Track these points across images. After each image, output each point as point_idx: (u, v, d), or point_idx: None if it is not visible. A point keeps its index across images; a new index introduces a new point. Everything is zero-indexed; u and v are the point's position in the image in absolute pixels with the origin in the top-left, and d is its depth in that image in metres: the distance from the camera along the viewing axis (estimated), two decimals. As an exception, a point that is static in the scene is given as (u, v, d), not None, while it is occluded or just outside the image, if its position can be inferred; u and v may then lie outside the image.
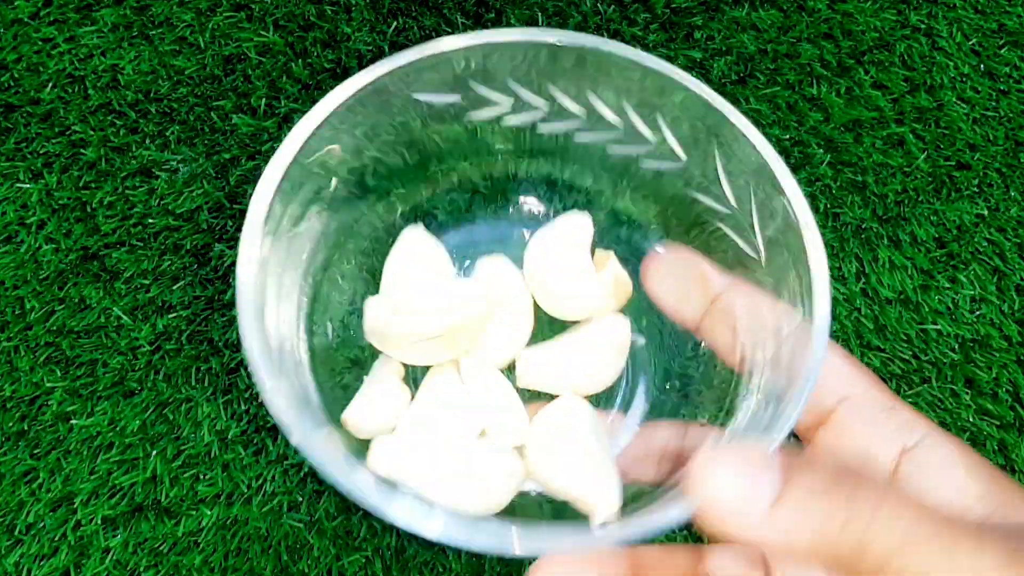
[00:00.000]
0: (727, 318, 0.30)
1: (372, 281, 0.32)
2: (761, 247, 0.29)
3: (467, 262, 0.34)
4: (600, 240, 0.33)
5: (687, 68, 0.43)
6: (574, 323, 0.33)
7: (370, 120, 0.28)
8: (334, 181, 0.29)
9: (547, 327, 0.33)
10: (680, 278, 0.31)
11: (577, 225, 0.32)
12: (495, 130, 0.31)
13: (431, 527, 0.22)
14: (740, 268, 0.30)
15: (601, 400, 0.33)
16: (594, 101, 0.30)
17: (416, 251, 0.32)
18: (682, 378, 0.33)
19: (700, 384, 0.33)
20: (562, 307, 0.32)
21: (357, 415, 0.30)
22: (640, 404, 0.34)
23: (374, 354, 0.32)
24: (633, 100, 0.29)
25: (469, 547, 0.22)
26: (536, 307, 0.33)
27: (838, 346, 0.27)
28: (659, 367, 0.34)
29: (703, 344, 0.32)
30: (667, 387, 0.34)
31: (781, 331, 0.28)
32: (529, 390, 0.32)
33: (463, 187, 0.34)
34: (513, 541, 0.22)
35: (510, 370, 0.32)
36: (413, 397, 0.31)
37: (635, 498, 0.30)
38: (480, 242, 0.35)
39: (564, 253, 0.32)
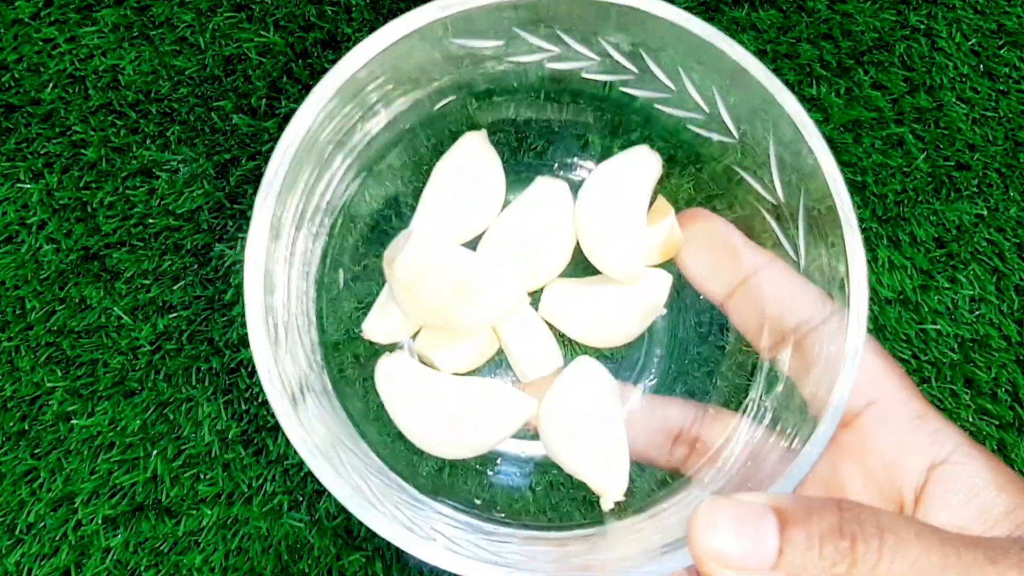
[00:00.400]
0: (755, 300, 0.29)
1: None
2: (801, 246, 0.28)
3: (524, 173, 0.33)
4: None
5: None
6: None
7: (413, 60, 0.28)
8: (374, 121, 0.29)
9: (582, 270, 0.32)
10: (711, 250, 0.30)
11: (643, 162, 0.31)
12: (538, 73, 0.30)
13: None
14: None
15: (615, 364, 0.32)
16: (648, 61, 0.29)
17: (470, 162, 0.31)
18: (699, 356, 0.33)
19: (718, 365, 0.32)
20: (597, 255, 0.31)
21: (378, 319, 0.30)
22: (651, 376, 0.33)
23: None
24: (691, 69, 0.28)
25: None
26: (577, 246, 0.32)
27: (870, 338, 0.26)
28: (677, 341, 0.33)
29: (728, 323, 0.31)
30: (684, 363, 0.33)
31: (810, 323, 0.27)
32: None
33: (504, 127, 0.33)
34: None
35: (534, 299, 0.31)
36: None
37: (646, 494, 0.30)
38: (541, 166, 0.34)
39: (621, 194, 0.30)
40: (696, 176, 0.32)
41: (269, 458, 0.36)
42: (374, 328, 0.31)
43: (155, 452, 0.36)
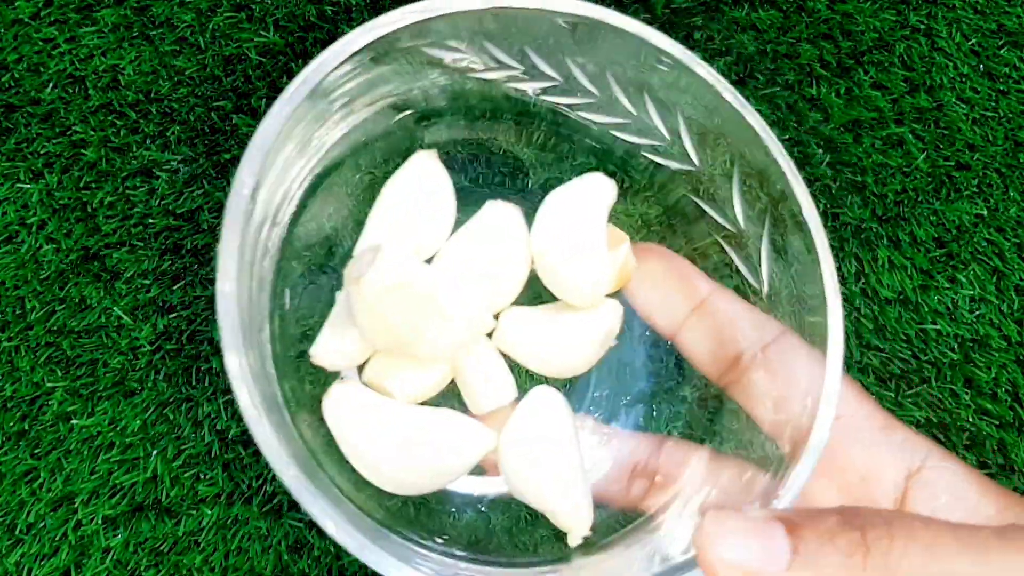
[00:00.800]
0: (710, 326, 0.28)
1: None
2: (764, 274, 0.27)
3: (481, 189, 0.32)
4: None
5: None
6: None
7: (368, 74, 0.27)
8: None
9: (536, 298, 0.31)
10: (662, 282, 0.29)
11: (599, 188, 0.30)
12: (494, 93, 0.29)
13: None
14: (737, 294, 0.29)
15: (564, 395, 0.31)
16: (611, 82, 0.28)
17: (420, 182, 0.30)
18: (650, 387, 0.32)
19: (672, 395, 0.31)
20: (556, 281, 0.30)
21: (328, 343, 0.29)
22: (602, 409, 0.32)
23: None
24: (653, 92, 0.27)
25: None
26: (532, 274, 0.31)
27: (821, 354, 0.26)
28: (627, 371, 0.32)
29: (680, 355, 0.30)
30: (635, 394, 0.32)
31: (754, 349, 0.27)
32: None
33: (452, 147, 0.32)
34: None
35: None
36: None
37: (612, 529, 0.29)
38: (493, 189, 0.33)
39: (578, 220, 0.29)
40: (650, 204, 0.31)
41: (269, 458, 0.36)
42: (323, 352, 0.29)
43: (155, 452, 0.36)
